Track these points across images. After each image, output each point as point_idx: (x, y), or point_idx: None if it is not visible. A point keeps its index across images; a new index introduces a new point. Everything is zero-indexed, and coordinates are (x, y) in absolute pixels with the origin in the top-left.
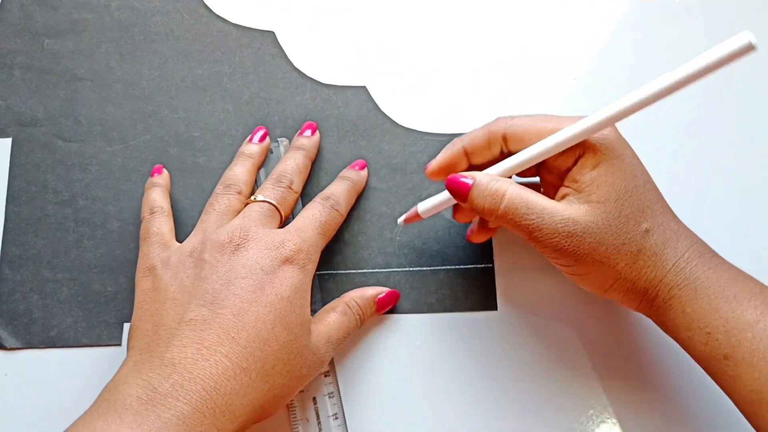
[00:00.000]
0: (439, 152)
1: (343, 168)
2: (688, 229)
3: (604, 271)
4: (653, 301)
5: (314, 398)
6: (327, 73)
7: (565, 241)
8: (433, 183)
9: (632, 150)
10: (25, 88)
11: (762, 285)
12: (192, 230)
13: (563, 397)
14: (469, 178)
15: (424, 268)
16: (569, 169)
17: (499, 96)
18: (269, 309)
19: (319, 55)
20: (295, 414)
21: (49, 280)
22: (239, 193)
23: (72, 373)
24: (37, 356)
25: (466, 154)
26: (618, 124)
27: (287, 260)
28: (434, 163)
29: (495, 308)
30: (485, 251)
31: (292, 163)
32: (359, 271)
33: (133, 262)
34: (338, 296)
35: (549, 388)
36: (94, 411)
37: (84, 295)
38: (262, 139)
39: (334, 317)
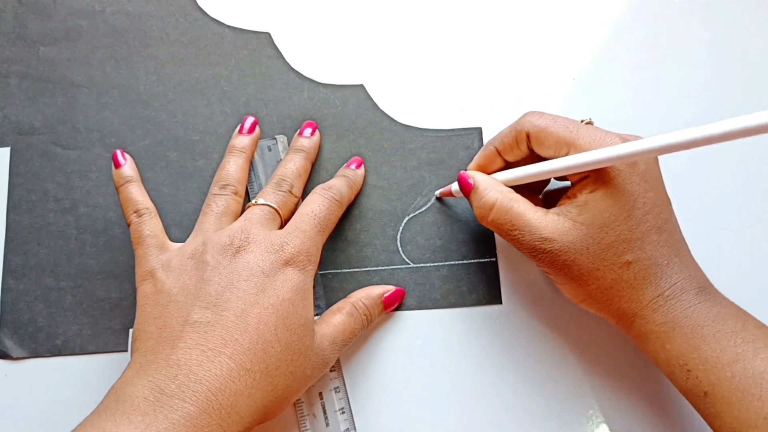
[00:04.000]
0: (438, 149)
1: None
2: (683, 262)
3: (575, 287)
4: (629, 329)
5: (320, 393)
6: (324, 72)
7: (541, 256)
8: (434, 179)
9: (649, 176)
10: (21, 96)
11: (746, 321)
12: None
13: (569, 391)
14: (471, 178)
15: (428, 265)
16: (576, 182)
17: (498, 95)
18: (271, 311)
19: (316, 55)
20: (302, 410)
21: (52, 288)
22: (235, 193)
23: (79, 380)
24: (44, 365)
25: (499, 153)
26: None
27: (287, 262)
28: (471, 165)
29: (500, 302)
30: (488, 245)
31: (292, 167)
32: (363, 269)
33: None
34: (343, 295)
35: (555, 381)
36: (102, 412)
37: (88, 302)
38: (251, 129)
39: (339, 318)
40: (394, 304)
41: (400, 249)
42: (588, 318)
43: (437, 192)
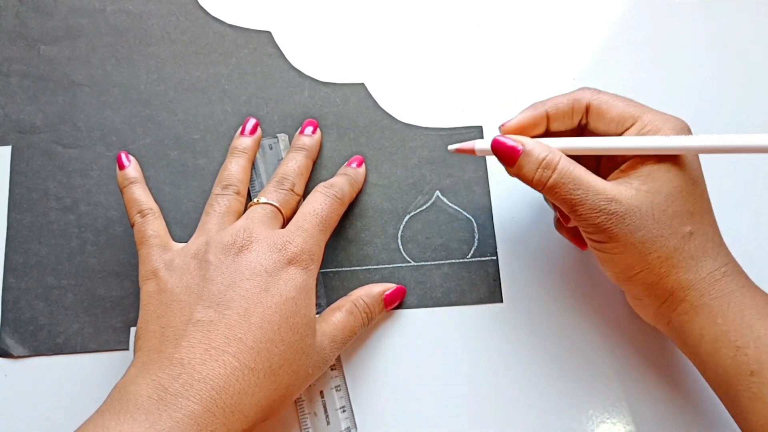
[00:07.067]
0: (439, 147)
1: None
2: (728, 250)
3: (635, 256)
4: (678, 305)
5: (321, 392)
6: (325, 71)
7: (605, 219)
8: (435, 177)
9: (701, 170)
10: (22, 95)
11: None
12: (194, 232)
13: (569, 390)
14: (518, 143)
15: (429, 263)
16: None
17: (498, 95)
18: (274, 310)
19: (317, 54)
20: (302, 408)
21: (53, 286)
22: (237, 193)
23: (80, 378)
24: (45, 363)
25: (548, 118)
26: None
27: (290, 261)
28: (513, 122)
29: (501, 300)
30: (489, 244)
31: (293, 165)
32: (364, 267)
33: (137, 267)
34: (344, 293)
35: (554, 379)
36: (105, 411)
37: (89, 300)
38: (253, 130)
39: (339, 317)
40: (395, 302)
41: (401, 247)
42: (588, 317)
43: (452, 147)
